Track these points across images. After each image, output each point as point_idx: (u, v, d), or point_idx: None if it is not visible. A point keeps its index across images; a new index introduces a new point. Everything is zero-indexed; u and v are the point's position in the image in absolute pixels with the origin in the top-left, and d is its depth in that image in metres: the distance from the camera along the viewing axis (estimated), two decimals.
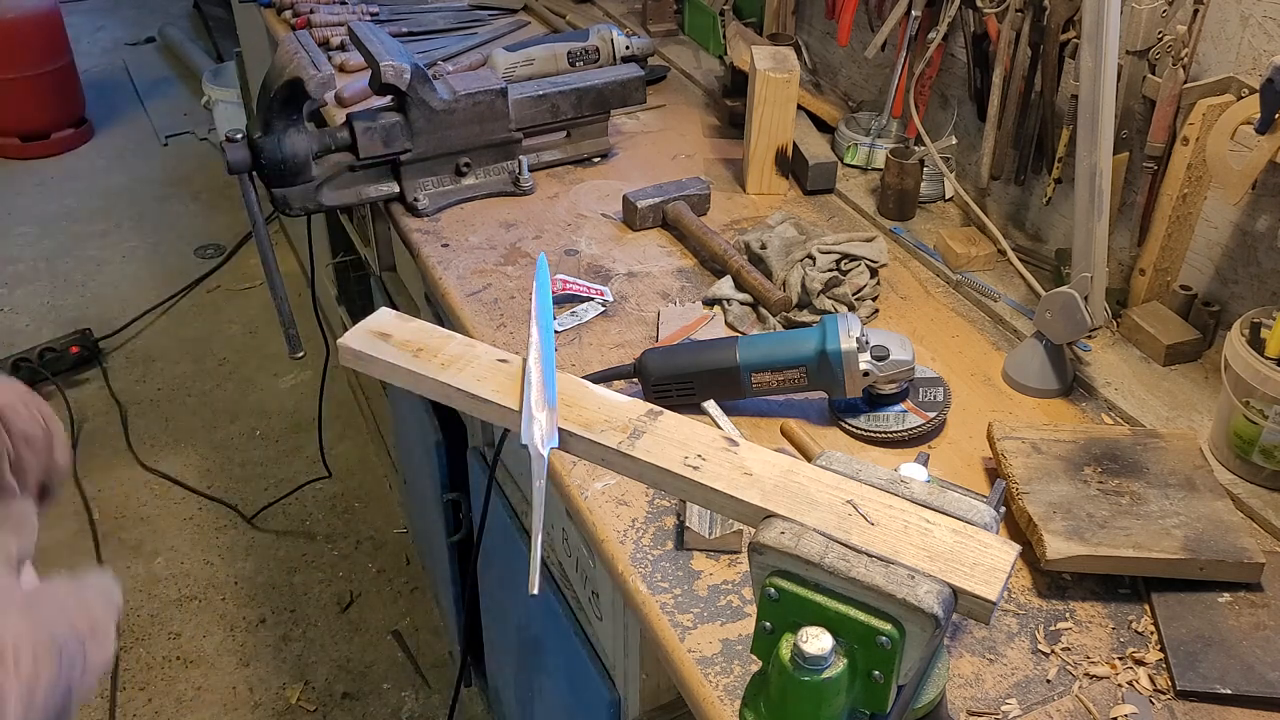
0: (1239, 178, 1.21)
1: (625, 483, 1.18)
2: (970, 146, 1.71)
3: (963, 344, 1.43)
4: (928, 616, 0.69)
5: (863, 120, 1.85)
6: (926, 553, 0.72)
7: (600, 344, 1.41)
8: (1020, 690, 0.99)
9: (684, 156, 1.86)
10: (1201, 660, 0.99)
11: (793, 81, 1.67)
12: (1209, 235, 1.37)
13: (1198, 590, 1.05)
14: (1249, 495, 1.18)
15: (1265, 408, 1.15)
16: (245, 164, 1.55)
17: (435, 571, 2.33)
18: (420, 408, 1.89)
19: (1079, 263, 1.28)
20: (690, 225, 1.59)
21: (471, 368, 0.90)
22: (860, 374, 1.23)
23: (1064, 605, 1.07)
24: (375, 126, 1.61)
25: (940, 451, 1.25)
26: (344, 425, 3.11)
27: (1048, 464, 1.14)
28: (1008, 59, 1.51)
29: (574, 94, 1.73)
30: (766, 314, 1.44)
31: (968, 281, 1.52)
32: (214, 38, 5.19)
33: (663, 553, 1.12)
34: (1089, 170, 1.23)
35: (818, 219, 1.69)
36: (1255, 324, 1.19)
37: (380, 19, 2.21)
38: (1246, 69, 1.27)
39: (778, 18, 2.03)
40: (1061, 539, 1.05)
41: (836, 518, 0.75)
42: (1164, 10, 1.29)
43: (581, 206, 1.71)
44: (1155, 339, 1.37)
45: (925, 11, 1.65)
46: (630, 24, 2.29)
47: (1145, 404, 1.31)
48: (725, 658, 1.01)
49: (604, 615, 1.32)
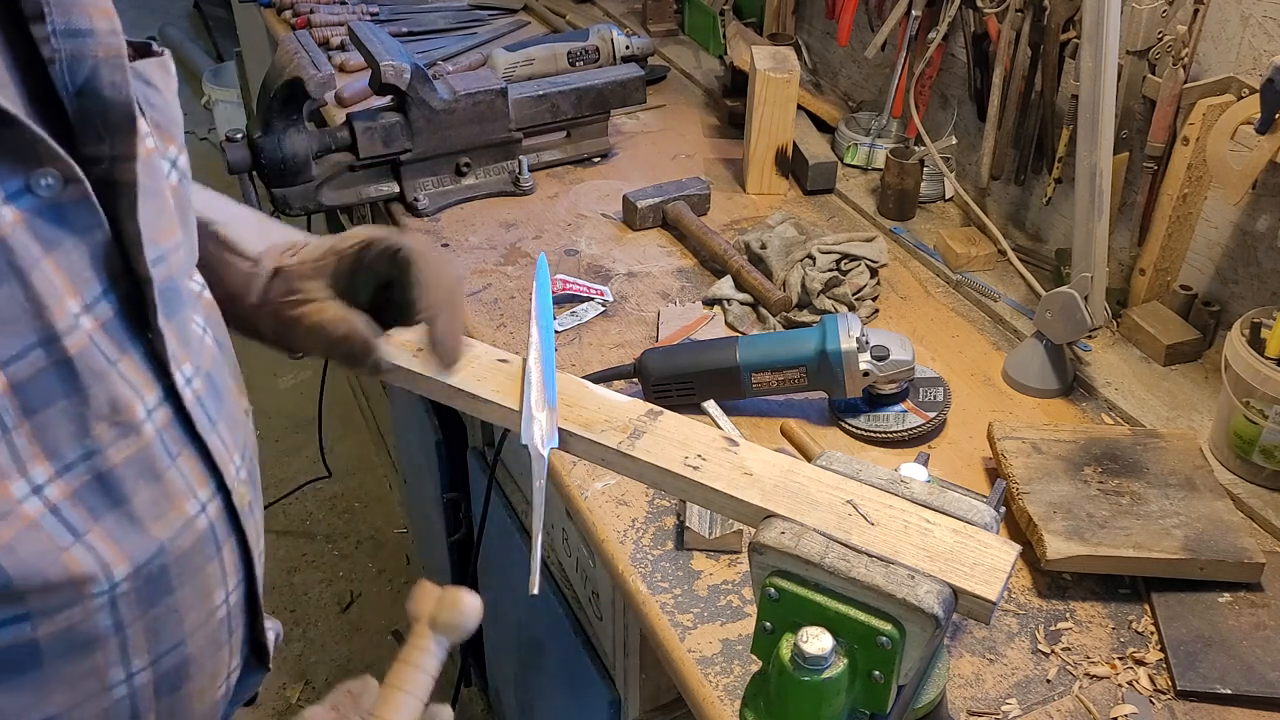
0: (1239, 178, 1.21)
1: (625, 483, 1.18)
2: (970, 146, 1.71)
3: (963, 344, 1.43)
4: (928, 616, 0.69)
5: (863, 120, 1.85)
6: (926, 553, 0.72)
7: (600, 344, 1.41)
8: (1020, 690, 0.99)
9: (684, 156, 1.86)
10: (1201, 660, 0.99)
11: (793, 81, 1.67)
12: (1209, 235, 1.37)
13: (1198, 590, 1.05)
14: (1249, 495, 1.18)
15: (1265, 408, 1.15)
16: (245, 164, 1.55)
17: (435, 572, 2.33)
18: (420, 408, 1.89)
19: (1079, 263, 1.28)
20: (690, 225, 1.59)
21: (471, 368, 0.90)
22: (860, 374, 1.23)
23: (1064, 605, 1.07)
24: (375, 126, 1.61)
25: (940, 451, 1.25)
26: (344, 425, 3.11)
27: (1048, 464, 1.14)
28: (1008, 59, 1.51)
29: (574, 94, 1.73)
30: (766, 314, 1.44)
31: (968, 281, 1.52)
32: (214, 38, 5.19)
33: (663, 553, 1.12)
34: (1089, 170, 1.23)
35: (818, 219, 1.69)
36: (1255, 324, 1.19)
37: (380, 19, 2.21)
38: (1246, 69, 1.27)
39: (778, 18, 2.03)
40: (1062, 539, 1.05)
41: (836, 518, 0.75)
42: (1164, 10, 1.29)
43: (581, 206, 1.70)
44: (1155, 339, 1.37)
45: (925, 11, 1.65)
46: (630, 24, 2.29)
47: (1145, 404, 1.31)
48: (725, 658, 1.01)
49: (604, 615, 1.32)
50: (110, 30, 0.63)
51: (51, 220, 0.60)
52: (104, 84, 0.62)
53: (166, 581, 0.68)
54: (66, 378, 0.61)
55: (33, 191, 0.59)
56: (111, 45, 0.63)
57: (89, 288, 0.63)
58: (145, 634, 0.67)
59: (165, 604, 0.68)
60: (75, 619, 0.63)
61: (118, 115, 0.63)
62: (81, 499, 0.62)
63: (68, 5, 0.61)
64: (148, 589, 0.67)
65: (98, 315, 0.63)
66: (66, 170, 0.60)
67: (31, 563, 0.60)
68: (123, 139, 0.64)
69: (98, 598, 0.63)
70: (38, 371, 0.59)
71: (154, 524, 0.67)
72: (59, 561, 0.61)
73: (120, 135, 0.64)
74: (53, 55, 0.60)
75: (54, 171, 0.59)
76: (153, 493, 0.67)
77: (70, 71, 0.61)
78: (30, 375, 0.59)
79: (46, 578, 0.60)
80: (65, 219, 0.61)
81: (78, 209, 0.61)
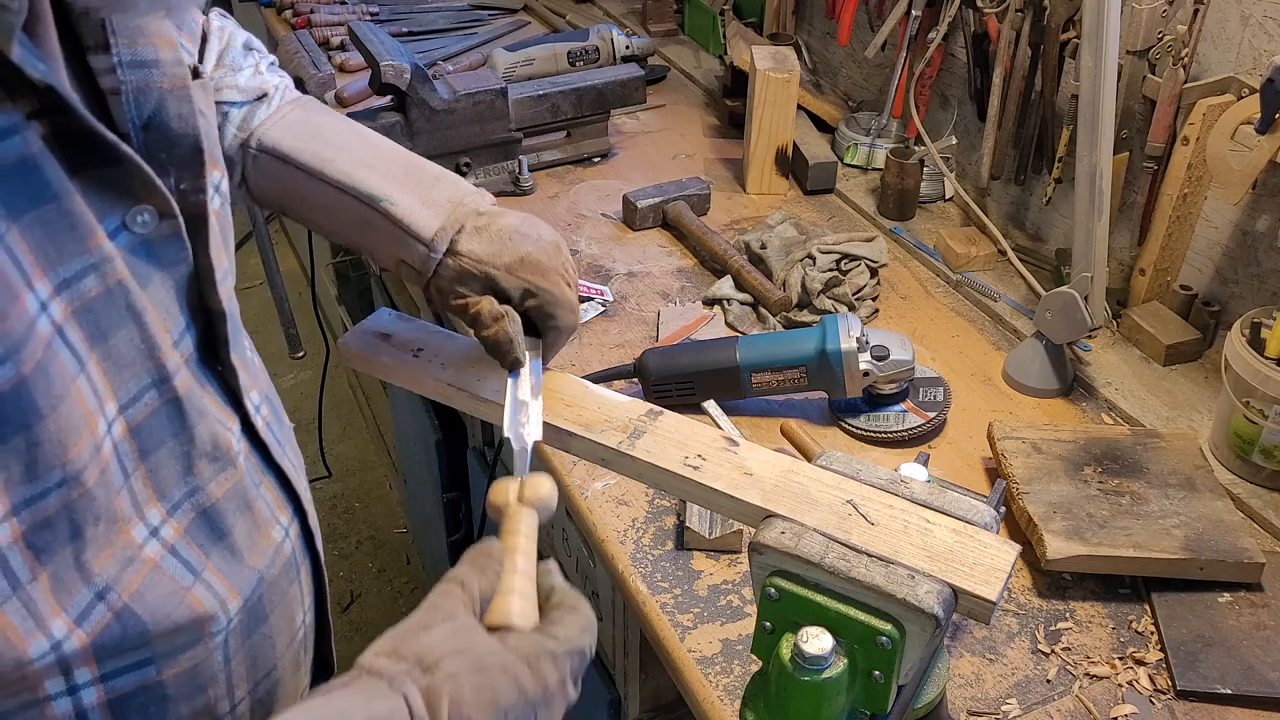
0: (1239, 178, 1.21)
1: (625, 483, 1.18)
2: (970, 146, 1.71)
3: (963, 344, 1.43)
4: (928, 616, 0.69)
5: (863, 120, 1.85)
6: (926, 553, 0.72)
7: (600, 344, 1.41)
8: (1020, 690, 0.99)
9: (684, 156, 1.86)
10: (1201, 660, 0.99)
11: (793, 81, 1.67)
12: (1209, 235, 1.37)
13: (1198, 590, 1.05)
14: (1249, 495, 1.18)
15: (1265, 408, 1.15)
16: None
17: (435, 571, 2.33)
18: (420, 408, 1.89)
19: (1079, 263, 1.28)
20: (690, 225, 1.59)
21: (471, 367, 0.90)
22: (860, 374, 1.23)
23: (1064, 605, 1.07)
24: (375, 126, 1.60)
25: (940, 451, 1.25)
26: (344, 425, 3.11)
27: (1048, 464, 1.14)
28: (1008, 59, 1.51)
29: (574, 94, 1.73)
30: (766, 314, 1.44)
31: (968, 281, 1.52)
32: None
33: (663, 553, 1.12)
34: (1089, 170, 1.23)
35: (818, 219, 1.69)
36: (1255, 324, 1.19)
37: (380, 19, 2.21)
38: (1246, 69, 1.27)
39: (778, 18, 2.03)
40: (1062, 539, 1.05)
41: (836, 518, 0.75)
42: (1164, 10, 1.29)
43: (581, 206, 1.70)
44: (1155, 339, 1.37)
45: (925, 11, 1.65)
46: (630, 24, 2.29)
47: (1145, 404, 1.31)
48: (725, 658, 1.01)
49: (604, 615, 1.32)
50: (175, 60, 0.62)
51: (144, 257, 0.59)
52: (171, 116, 0.61)
53: (262, 610, 0.68)
54: (174, 417, 0.60)
55: (128, 228, 0.58)
56: (177, 76, 0.62)
57: (175, 324, 0.62)
58: (246, 664, 0.67)
59: (261, 632, 0.68)
60: (199, 658, 0.62)
61: (186, 148, 0.62)
62: (192, 537, 0.62)
63: (133, 34, 0.59)
64: (249, 620, 0.66)
65: (182, 351, 0.62)
66: (162, 205, 0.59)
67: (160, 607, 0.59)
68: (192, 171, 0.62)
69: (216, 636, 0.63)
70: (151, 413, 0.59)
71: (251, 554, 0.66)
72: (184, 603, 0.60)
73: (189, 168, 0.62)
74: (117, 86, 0.59)
75: (149, 208, 0.58)
76: (247, 523, 0.66)
77: (137, 104, 0.59)
78: (145, 417, 0.59)
79: (174, 620, 0.60)
80: (155, 255, 0.60)
81: (167, 244, 0.60)
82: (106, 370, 0.56)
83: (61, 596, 0.55)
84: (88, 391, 0.55)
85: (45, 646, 0.54)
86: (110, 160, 0.56)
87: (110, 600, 0.57)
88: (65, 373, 0.53)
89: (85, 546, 0.56)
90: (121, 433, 0.57)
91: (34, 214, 0.52)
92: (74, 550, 0.55)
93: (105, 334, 0.56)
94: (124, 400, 0.57)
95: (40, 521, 0.53)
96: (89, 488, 0.55)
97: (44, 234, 0.52)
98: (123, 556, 0.58)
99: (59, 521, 0.54)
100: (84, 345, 0.55)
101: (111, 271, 0.56)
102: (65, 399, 0.53)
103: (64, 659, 0.55)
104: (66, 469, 0.53)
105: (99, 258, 0.55)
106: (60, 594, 0.55)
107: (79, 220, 0.54)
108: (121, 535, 0.58)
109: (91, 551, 0.56)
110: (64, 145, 0.53)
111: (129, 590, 0.58)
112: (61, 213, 0.53)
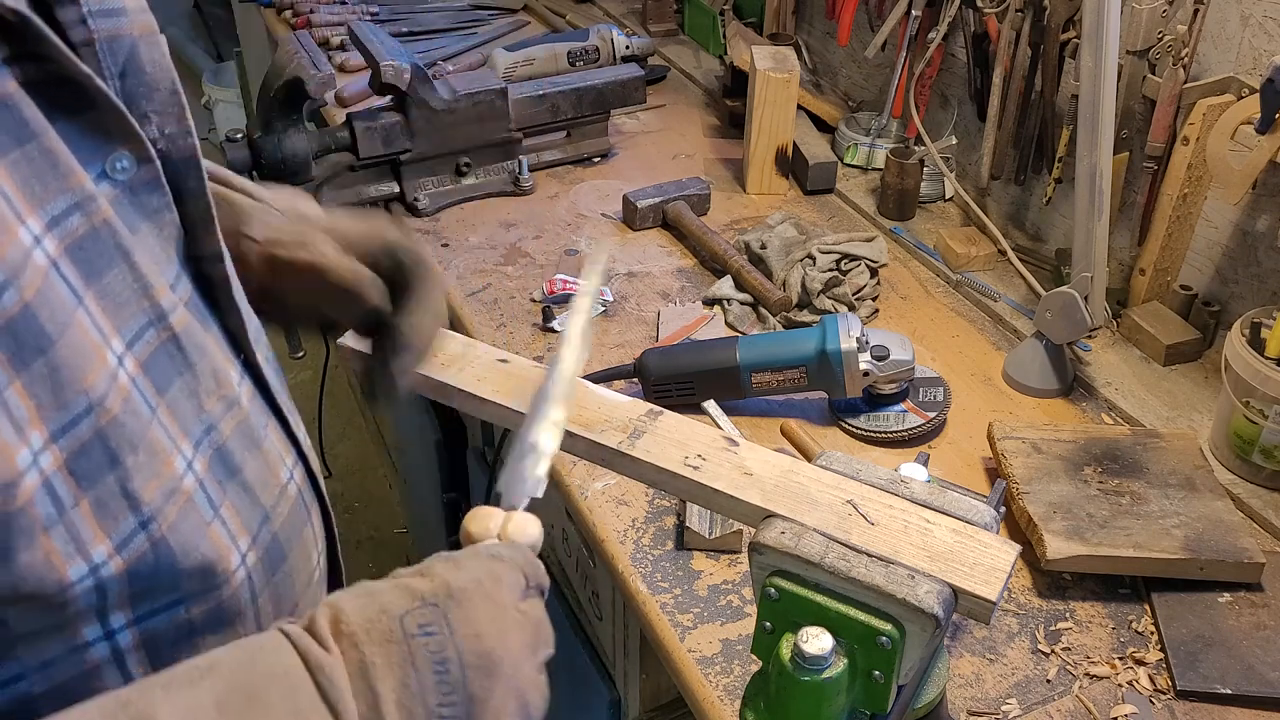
0: (1239, 178, 1.21)
1: (625, 483, 1.18)
2: (970, 146, 1.71)
3: (963, 344, 1.43)
4: (928, 616, 0.69)
5: (863, 120, 1.85)
6: (926, 553, 0.72)
7: (600, 344, 1.41)
8: (1020, 690, 0.99)
9: (684, 156, 1.86)
10: (1202, 660, 0.99)
11: (793, 81, 1.67)
12: (1209, 235, 1.37)
13: (1198, 590, 1.05)
14: (1249, 495, 1.18)
15: (1265, 408, 1.15)
16: (245, 164, 1.55)
17: None
18: (420, 408, 1.89)
19: (1079, 263, 1.28)
20: (690, 225, 1.59)
21: (471, 368, 0.90)
22: (860, 374, 1.23)
23: (1064, 605, 1.07)
24: (375, 126, 1.61)
25: (940, 451, 1.25)
26: (344, 425, 3.10)
27: (1048, 464, 1.14)
28: (1008, 59, 1.51)
29: (574, 94, 1.73)
30: (766, 314, 1.44)
31: (968, 281, 1.52)
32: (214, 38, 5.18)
33: (663, 553, 1.12)
34: (1089, 170, 1.23)
35: (818, 219, 1.69)
36: (1255, 324, 1.19)
37: (380, 19, 2.21)
38: (1246, 69, 1.27)
39: (778, 18, 2.03)
40: (1062, 539, 1.05)
41: (836, 518, 0.75)
42: (1164, 10, 1.29)
43: (581, 206, 1.70)
44: (1155, 339, 1.37)
45: (925, 11, 1.65)
46: (630, 24, 2.29)
47: (1145, 404, 1.31)
48: (725, 658, 1.01)
49: (604, 615, 1.32)
50: (139, 8, 0.62)
51: (128, 205, 0.60)
52: (145, 62, 0.61)
53: (278, 548, 0.69)
54: (175, 355, 0.61)
55: (109, 175, 0.58)
56: (144, 22, 0.62)
57: (169, 268, 0.62)
58: (271, 601, 0.68)
59: (283, 570, 0.69)
60: (224, 595, 0.63)
61: (165, 90, 0.62)
62: (213, 473, 0.63)
63: None
64: (268, 557, 0.67)
65: (180, 295, 0.63)
66: (139, 150, 0.59)
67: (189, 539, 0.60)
68: (173, 115, 0.63)
69: (237, 572, 0.64)
70: (154, 351, 0.60)
71: (262, 493, 0.67)
72: (207, 538, 0.61)
73: (169, 112, 0.62)
74: (90, 38, 0.59)
75: (127, 152, 0.59)
76: (257, 462, 0.67)
77: (111, 53, 0.60)
78: (150, 355, 0.59)
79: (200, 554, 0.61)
80: (140, 203, 0.60)
81: (149, 191, 0.61)
82: (105, 309, 0.57)
83: (106, 522, 0.56)
84: (89, 324, 0.56)
85: (84, 570, 0.55)
86: (86, 104, 0.56)
87: (151, 530, 0.58)
88: (65, 304, 0.54)
89: (130, 475, 0.57)
90: (135, 368, 0.58)
91: (18, 152, 0.53)
92: (117, 477, 0.56)
93: (99, 272, 0.57)
94: (128, 338, 0.58)
95: (78, 449, 0.54)
96: (116, 414, 0.56)
97: (29, 171, 0.53)
98: (168, 488, 0.59)
99: (94, 448, 0.55)
100: (79, 282, 0.55)
101: (96, 210, 0.56)
102: (70, 326, 0.54)
103: (101, 586, 0.56)
104: (90, 395, 0.54)
105: (82, 196, 0.56)
106: (105, 520, 0.56)
107: (59, 158, 0.55)
108: (166, 466, 0.59)
109: (139, 480, 0.57)
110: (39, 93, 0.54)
111: (168, 522, 0.59)
112: (43, 150, 0.54)
